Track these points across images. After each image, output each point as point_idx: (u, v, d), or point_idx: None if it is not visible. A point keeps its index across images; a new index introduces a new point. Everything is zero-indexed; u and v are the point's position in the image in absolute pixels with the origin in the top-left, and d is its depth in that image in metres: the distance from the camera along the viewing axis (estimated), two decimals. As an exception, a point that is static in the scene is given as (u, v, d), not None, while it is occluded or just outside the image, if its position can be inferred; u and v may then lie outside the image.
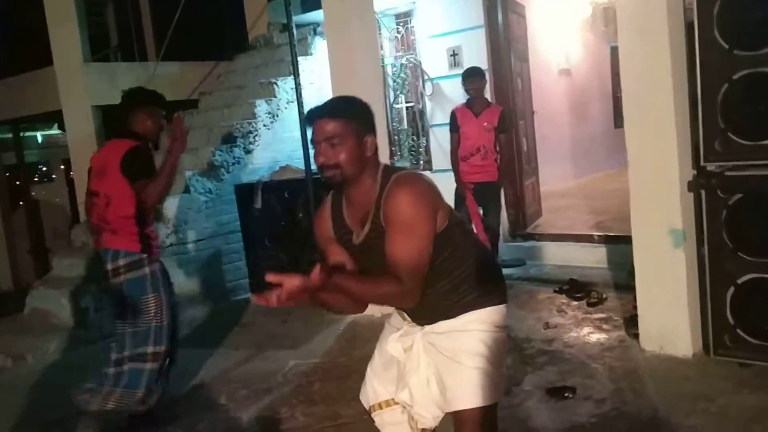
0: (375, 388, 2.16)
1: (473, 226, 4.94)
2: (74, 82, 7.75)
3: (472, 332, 2.00)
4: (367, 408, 2.21)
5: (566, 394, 3.32)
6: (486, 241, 4.76)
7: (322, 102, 1.98)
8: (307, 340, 4.66)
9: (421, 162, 6.78)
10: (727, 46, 3.22)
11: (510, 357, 3.91)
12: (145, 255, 3.37)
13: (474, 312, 2.00)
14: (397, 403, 2.11)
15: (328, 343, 4.57)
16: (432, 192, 1.92)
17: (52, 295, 5.47)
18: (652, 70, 3.57)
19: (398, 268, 1.84)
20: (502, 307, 2.07)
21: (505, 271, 5.54)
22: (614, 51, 8.94)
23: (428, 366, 2.03)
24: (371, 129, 1.97)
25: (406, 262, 1.83)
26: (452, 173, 5.32)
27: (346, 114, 1.91)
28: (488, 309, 2.03)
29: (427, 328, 2.05)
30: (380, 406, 2.15)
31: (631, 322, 4.02)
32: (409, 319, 2.11)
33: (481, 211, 5.33)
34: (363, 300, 2.00)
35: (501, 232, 5.65)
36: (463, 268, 1.99)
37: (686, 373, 3.44)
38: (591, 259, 5.57)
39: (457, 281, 1.99)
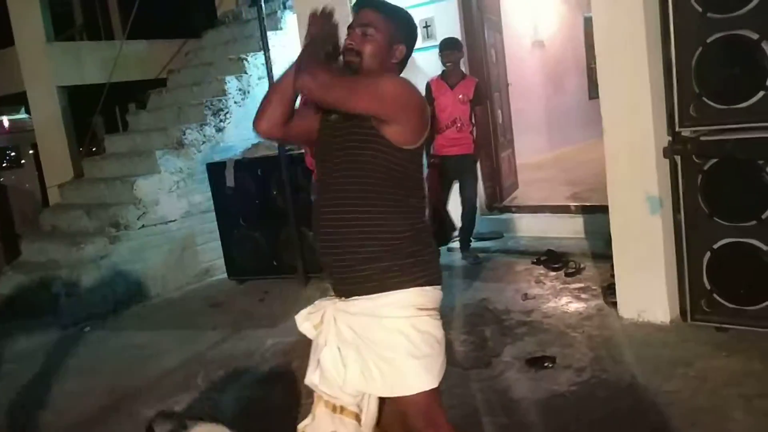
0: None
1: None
2: (38, 62, 7.54)
3: (384, 321, 1.86)
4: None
5: (546, 364, 3.32)
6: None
7: None
8: (285, 318, 4.57)
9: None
10: (700, 9, 3.19)
11: (489, 329, 3.91)
12: None
13: (391, 294, 1.86)
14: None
15: (306, 321, 4.53)
16: (420, 103, 1.89)
17: (21, 281, 5.34)
18: (626, 36, 3.53)
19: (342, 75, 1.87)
20: (430, 288, 1.91)
21: (483, 243, 5.69)
22: (588, 22, 8.88)
23: (342, 342, 1.92)
24: (407, 42, 1.98)
25: (349, 79, 1.87)
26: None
27: (391, 14, 1.96)
28: (409, 291, 1.87)
29: (340, 304, 1.93)
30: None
31: (608, 290, 4.03)
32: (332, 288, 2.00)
33: (457, 185, 5.29)
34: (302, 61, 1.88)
35: (478, 205, 5.62)
36: (402, 218, 1.88)
37: (664, 339, 3.45)
38: (568, 229, 5.58)
39: (389, 228, 1.86)
